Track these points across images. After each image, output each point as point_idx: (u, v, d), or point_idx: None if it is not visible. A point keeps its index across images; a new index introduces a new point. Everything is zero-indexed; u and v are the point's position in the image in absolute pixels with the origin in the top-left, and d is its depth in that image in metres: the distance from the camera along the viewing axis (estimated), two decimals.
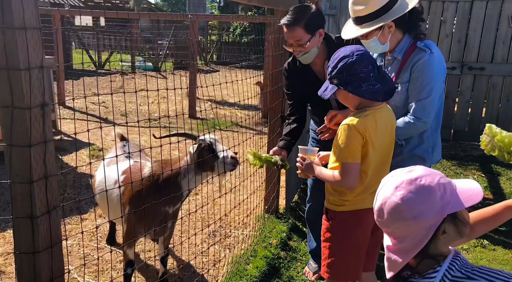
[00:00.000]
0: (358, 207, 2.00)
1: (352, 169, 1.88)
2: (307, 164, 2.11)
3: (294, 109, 2.81)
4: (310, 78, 2.67)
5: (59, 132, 6.80)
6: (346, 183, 1.91)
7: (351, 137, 1.86)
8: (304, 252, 3.35)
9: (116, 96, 10.21)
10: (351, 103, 1.96)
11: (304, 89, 2.72)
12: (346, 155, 1.88)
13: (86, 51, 15.88)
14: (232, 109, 9.11)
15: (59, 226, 1.56)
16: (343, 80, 1.87)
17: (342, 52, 1.90)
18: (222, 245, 3.40)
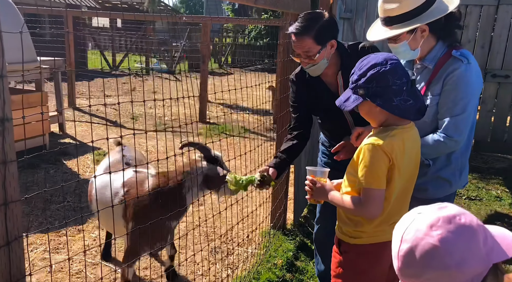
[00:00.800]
0: (377, 240, 1.74)
1: (376, 196, 1.63)
2: (318, 188, 1.84)
3: (297, 124, 2.54)
4: (320, 90, 2.43)
5: (66, 135, 6.67)
6: (369, 212, 1.65)
7: (377, 159, 1.61)
8: (311, 274, 3.10)
9: (127, 99, 10.11)
10: (376, 118, 1.70)
11: (313, 102, 2.47)
12: (370, 180, 1.62)
13: (101, 52, 15.89)
14: (243, 113, 8.90)
15: (22, 260, 1.35)
16: (371, 91, 1.62)
17: (373, 59, 1.64)
18: (224, 264, 3.17)
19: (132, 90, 11.26)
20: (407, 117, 1.65)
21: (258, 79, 4.24)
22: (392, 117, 1.65)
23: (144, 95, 10.69)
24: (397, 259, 1.04)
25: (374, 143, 1.62)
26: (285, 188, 3.55)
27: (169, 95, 10.44)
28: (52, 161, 5.33)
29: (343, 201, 1.72)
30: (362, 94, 1.64)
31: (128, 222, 2.43)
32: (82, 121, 7.74)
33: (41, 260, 3.15)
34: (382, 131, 1.67)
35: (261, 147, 4.59)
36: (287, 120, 3.35)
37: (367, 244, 1.75)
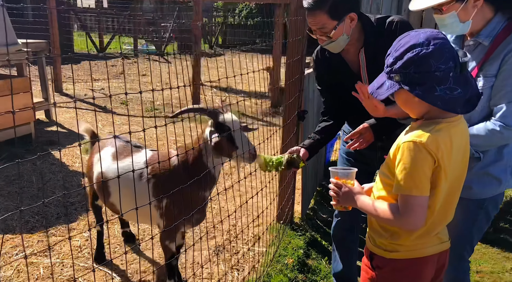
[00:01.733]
0: (417, 254, 1.48)
1: (418, 204, 1.35)
2: (345, 192, 1.57)
3: (327, 108, 2.31)
4: (341, 70, 2.14)
5: (53, 123, 6.30)
6: (408, 224, 1.38)
7: (419, 160, 1.33)
8: (325, 273, 2.87)
9: (116, 83, 9.70)
10: (415, 110, 1.42)
11: (335, 83, 2.19)
12: (410, 185, 1.34)
13: (87, 34, 15.28)
14: (238, 96, 8.56)
15: None
16: (409, 78, 1.33)
17: (412, 37, 1.34)
18: (229, 265, 2.92)
19: (121, 74, 10.83)
20: (453, 109, 1.35)
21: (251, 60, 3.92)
22: (435, 109, 1.36)
23: (132, 78, 10.28)
24: None
25: (416, 140, 1.34)
26: (293, 177, 3.27)
27: (160, 78, 10.03)
28: (38, 151, 4.99)
29: (376, 209, 1.45)
30: (398, 81, 1.35)
31: (162, 200, 2.31)
32: (70, 107, 7.35)
33: (28, 265, 2.86)
34: (424, 125, 1.39)
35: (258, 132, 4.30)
36: (294, 108, 3.06)
37: (405, 259, 1.49)
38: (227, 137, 2.18)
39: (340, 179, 1.63)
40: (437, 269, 1.54)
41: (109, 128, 6.21)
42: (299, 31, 2.95)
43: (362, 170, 2.38)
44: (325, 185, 4.23)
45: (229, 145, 2.18)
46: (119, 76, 10.56)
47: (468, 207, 1.85)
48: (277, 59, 7.38)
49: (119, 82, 9.81)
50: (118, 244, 3.19)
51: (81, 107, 7.37)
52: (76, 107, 7.45)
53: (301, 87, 3.09)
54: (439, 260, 1.52)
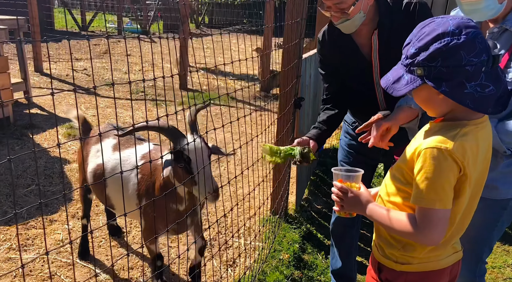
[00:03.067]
0: (431, 267, 1.33)
1: (440, 218, 1.19)
2: (352, 198, 1.40)
3: (330, 94, 2.13)
4: (350, 53, 1.97)
5: (33, 105, 6.00)
6: (427, 239, 1.22)
7: (444, 169, 1.16)
8: (322, 269, 2.75)
9: (100, 63, 9.34)
10: (437, 109, 1.24)
11: (341, 68, 2.02)
12: (433, 198, 1.18)
13: (69, 11, 14.68)
14: (226, 79, 8.32)
15: None
16: (435, 73, 1.14)
17: (439, 25, 1.15)
18: (222, 260, 2.77)
19: (104, 53, 10.44)
20: (484, 110, 1.17)
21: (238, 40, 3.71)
22: (461, 109, 1.19)
23: (116, 58, 9.92)
24: None
25: (441, 147, 1.16)
26: (288, 165, 3.12)
27: (145, 59, 9.69)
28: (17, 136, 4.73)
29: (390, 219, 1.28)
30: (421, 75, 1.16)
31: (141, 198, 2.19)
32: (50, 88, 7.02)
33: (5, 261, 2.67)
34: (448, 128, 1.21)
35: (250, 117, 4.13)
36: (291, 97, 2.88)
37: (419, 272, 1.34)
38: (184, 168, 1.93)
39: (344, 182, 1.45)
40: (449, 281, 1.41)
41: (92, 111, 5.94)
42: (298, 13, 2.75)
43: (365, 163, 2.24)
44: (319, 174, 4.10)
45: (187, 178, 1.91)
46: (102, 56, 10.17)
47: (491, 208, 1.72)
48: (268, 40, 7.14)
49: (102, 62, 9.45)
50: (103, 237, 3.02)
51: (63, 88, 7.06)
52: (57, 88, 7.12)
53: (299, 73, 2.91)
54: (451, 272, 1.39)
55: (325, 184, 3.96)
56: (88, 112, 5.91)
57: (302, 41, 2.89)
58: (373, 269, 1.48)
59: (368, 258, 2.91)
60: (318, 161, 4.32)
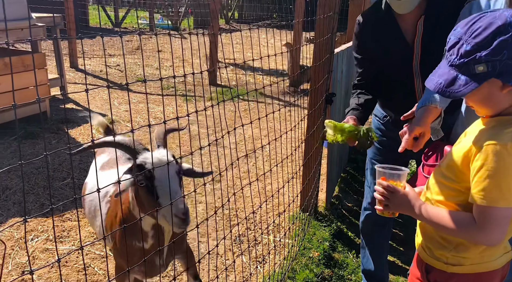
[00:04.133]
0: (484, 269, 1.28)
1: (503, 217, 1.15)
2: (400, 197, 1.34)
3: (364, 80, 2.08)
4: (391, 38, 1.91)
5: (68, 100, 6.19)
6: (488, 239, 1.17)
7: (509, 166, 1.12)
8: (352, 268, 2.70)
9: (132, 59, 9.51)
10: (497, 106, 1.18)
11: (380, 53, 1.97)
12: (497, 196, 1.13)
13: (103, 8, 15.04)
14: (255, 74, 8.30)
15: None
16: (500, 67, 1.09)
17: (495, 18, 1.10)
18: (251, 256, 2.78)
19: (137, 49, 10.62)
20: None
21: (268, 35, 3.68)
22: None
23: (148, 54, 10.07)
24: None
25: (506, 143, 1.11)
26: (318, 161, 3.08)
27: (176, 54, 9.80)
28: (54, 130, 4.89)
29: (446, 219, 1.22)
30: (485, 72, 1.10)
31: (107, 231, 1.89)
32: (85, 83, 7.21)
33: (43, 252, 2.77)
34: (505, 123, 1.16)
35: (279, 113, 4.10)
36: (322, 93, 2.84)
37: (471, 274, 1.29)
38: (145, 187, 1.56)
39: (387, 180, 1.40)
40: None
41: (125, 106, 6.06)
42: (330, 7, 2.69)
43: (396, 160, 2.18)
44: (349, 171, 4.03)
45: (149, 200, 1.57)
46: (134, 52, 10.36)
47: None
48: (298, 35, 7.07)
49: (134, 58, 9.63)
50: None
51: (97, 83, 7.23)
52: (92, 84, 7.30)
53: (330, 68, 2.86)
54: (502, 273, 1.33)
55: (356, 182, 3.89)
56: (121, 107, 6.03)
57: (334, 35, 2.84)
58: (419, 270, 1.43)
59: (400, 258, 2.85)
60: (348, 158, 4.25)
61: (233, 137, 4.66)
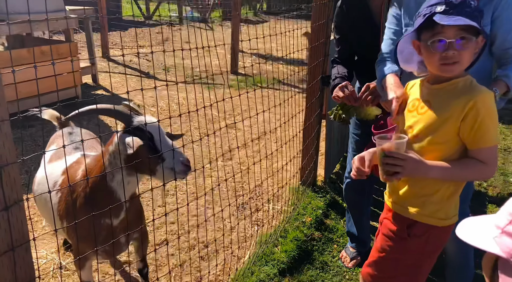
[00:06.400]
0: (452, 222, 1.56)
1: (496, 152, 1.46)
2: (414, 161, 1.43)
3: (340, 58, 2.43)
4: (363, 20, 2.20)
5: (99, 87, 6.68)
6: (493, 171, 1.44)
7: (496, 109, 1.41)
8: (342, 232, 2.98)
9: (160, 49, 9.96)
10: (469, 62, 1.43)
11: (353, 33, 2.26)
12: (496, 135, 1.42)
13: (135, 1, 15.62)
14: (276, 63, 8.57)
15: (25, 223, 1.28)
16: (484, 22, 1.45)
17: None
18: (251, 221, 3.10)
19: (165, 40, 11.08)
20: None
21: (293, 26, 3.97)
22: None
23: (177, 45, 10.49)
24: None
25: (491, 92, 1.41)
26: (316, 143, 3.36)
27: (201, 45, 10.18)
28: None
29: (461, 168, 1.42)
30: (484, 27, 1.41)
31: (62, 219, 1.93)
32: (115, 72, 7.71)
33: None
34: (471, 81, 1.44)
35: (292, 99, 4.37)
36: (319, 72, 3.11)
37: (445, 227, 1.54)
38: (148, 145, 1.73)
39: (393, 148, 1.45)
40: None
41: (151, 93, 6.49)
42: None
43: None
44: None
45: (152, 157, 1.72)
46: (164, 43, 10.82)
47: None
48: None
49: (163, 48, 10.07)
50: None
51: (126, 72, 7.71)
52: (122, 73, 7.79)
53: (327, 52, 3.12)
54: None
55: None
56: (146, 93, 6.46)
57: (330, 22, 3.09)
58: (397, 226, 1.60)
59: None
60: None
61: (248, 121, 4.98)
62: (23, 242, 1.27)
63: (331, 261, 2.72)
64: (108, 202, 1.76)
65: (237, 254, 2.69)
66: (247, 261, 2.59)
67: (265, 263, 2.57)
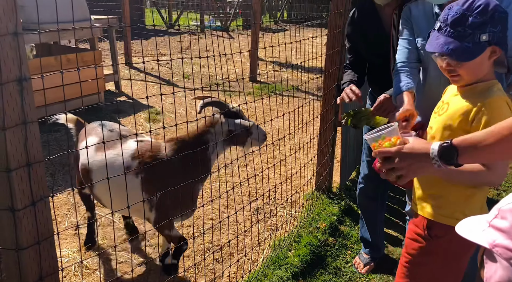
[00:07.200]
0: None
1: None
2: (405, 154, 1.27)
3: (352, 65, 2.49)
4: (373, 29, 2.25)
5: (122, 93, 6.86)
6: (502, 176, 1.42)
7: (508, 114, 1.40)
8: (356, 239, 3.00)
9: (181, 57, 10.16)
10: (482, 73, 1.45)
11: (364, 42, 2.31)
12: None
13: (158, 10, 15.99)
14: (296, 72, 8.64)
15: (49, 219, 1.37)
16: (497, 38, 1.39)
17: None
18: (265, 225, 3.15)
19: (186, 49, 11.29)
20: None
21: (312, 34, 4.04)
22: (491, 72, 1.47)
23: (197, 53, 10.68)
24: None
25: (505, 95, 1.43)
26: (331, 149, 3.39)
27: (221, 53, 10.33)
28: (107, 119, 5.50)
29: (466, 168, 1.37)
30: (486, 41, 1.38)
31: (152, 194, 2.25)
32: (137, 79, 7.91)
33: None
34: (490, 86, 1.45)
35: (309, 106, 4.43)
36: (334, 79, 3.15)
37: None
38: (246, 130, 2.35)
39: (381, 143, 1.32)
40: None
41: (171, 99, 6.63)
42: (341, 4, 3.01)
43: None
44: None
45: (244, 132, 2.35)
46: (184, 52, 11.02)
47: None
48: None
49: (184, 57, 10.26)
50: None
51: (147, 79, 7.90)
52: (143, 79, 7.98)
53: (342, 60, 3.17)
54: None
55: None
56: (167, 100, 6.61)
57: (345, 30, 3.14)
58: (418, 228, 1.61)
59: (402, 233, 3.10)
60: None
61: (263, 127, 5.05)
62: (47, 236, 1.35)
63: (344, 267, 2.74)
64: (203, 171, 2.25)
65: (251, 257, 2.74)
66: (261, 264, 2.64)
67: (278, 266, 2.61)
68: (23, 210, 1.27)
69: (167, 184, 2.14)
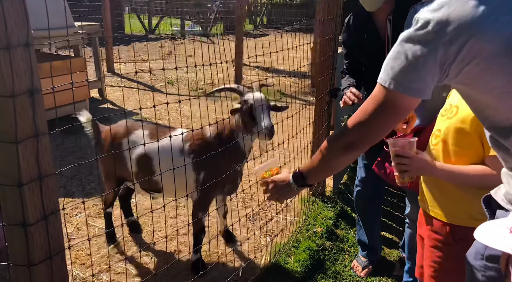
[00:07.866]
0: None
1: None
2: (419, 160, 1.52)
3: (348, 70, 2.52)
4: (368, 35, 2.28)
5: (106, 100, 6.76)
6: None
7: None
8: (352, 242, 3.02)
9: (164, 63, 10.08)
10: None
11: (360, 47, 2.34)
12: None
13: (137, 16, 15.83)
14: (279, 76, 8.68)
15: (61, 233, 1.34)
16: None
17: None
18: (262, 231, 3.15)
19: (168, 54, 11.21)
20: None
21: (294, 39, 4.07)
22: None
23: (179, 59, 10.63)
24: None
25: None
26: None
27: (204, 59, 10.32)
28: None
29: (463, 171, 1.43)
30: None
31: (200, 173, 2.49)
32: (121, 86, 7.81)
33: (84, 225, 3.24)
34: None
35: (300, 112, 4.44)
36: (327, 85, 3.19)
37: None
38: (248, 113, 2.37)
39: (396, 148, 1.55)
40: None
41: (158, 106, 6.57)
42: (332, 11, 3.04)
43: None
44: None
45: (250, 121, 2.37)
46: (166, 57, 10.95)
47: None
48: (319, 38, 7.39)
49: (166, 63, 10.19)
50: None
51: (131, 86, 7.81)
52: (127, 86, 7.89)
53: (334, 65, 3.20)
54: None
55: None
56: (151, 109, 6.55)
57: (337, 36, 3.18)
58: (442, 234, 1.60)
59: (398, 236, 3.14)
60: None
61: None
62: (59, 251, 1.32)
63: (343, 271, 2.75)
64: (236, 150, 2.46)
65: (251, 264, 2.73)
66: (261, 271, 2.63)
67: (278, 273, 2.61)
68: (35, 225, 1.24)
69: (210, 164, 2.39)
